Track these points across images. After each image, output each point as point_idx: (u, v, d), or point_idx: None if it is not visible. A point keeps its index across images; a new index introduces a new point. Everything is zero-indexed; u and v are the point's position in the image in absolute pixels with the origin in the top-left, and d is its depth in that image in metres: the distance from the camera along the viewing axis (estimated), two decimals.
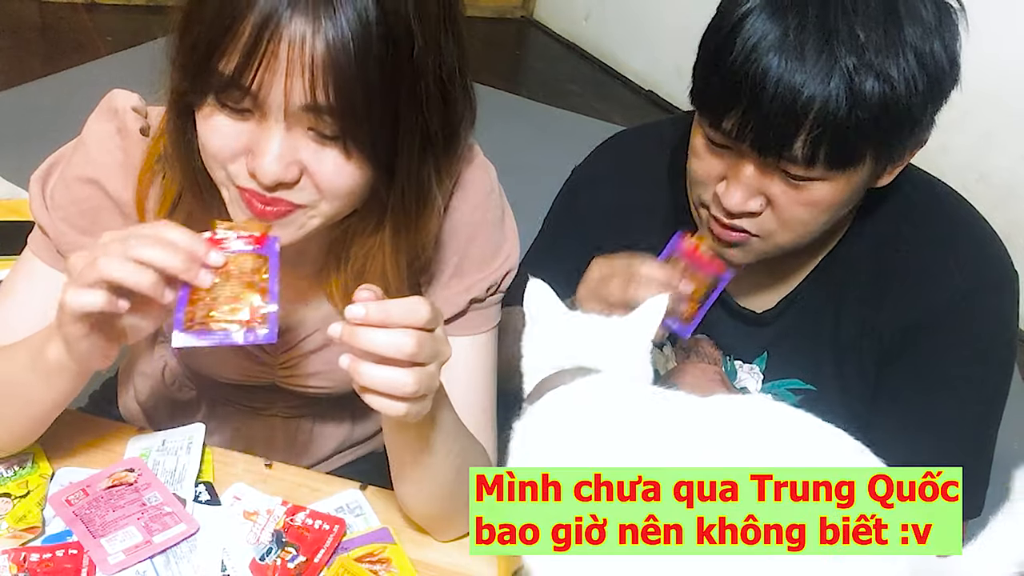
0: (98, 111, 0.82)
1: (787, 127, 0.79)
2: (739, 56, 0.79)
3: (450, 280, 0.87)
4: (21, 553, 0.76)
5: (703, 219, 0.93)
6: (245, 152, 0.69)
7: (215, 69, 0.65)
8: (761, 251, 0.91)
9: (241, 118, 0.68)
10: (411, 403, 0.66)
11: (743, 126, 0.81)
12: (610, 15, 4.20)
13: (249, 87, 0.65)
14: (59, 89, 2.89)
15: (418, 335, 0.64)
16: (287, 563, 0.79)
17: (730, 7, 0.82)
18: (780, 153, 0.81)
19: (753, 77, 0.78)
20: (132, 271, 0.64)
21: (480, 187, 0.88)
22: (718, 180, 0.88)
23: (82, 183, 0.81)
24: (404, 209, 0.76)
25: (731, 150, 0.85)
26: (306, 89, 0.64)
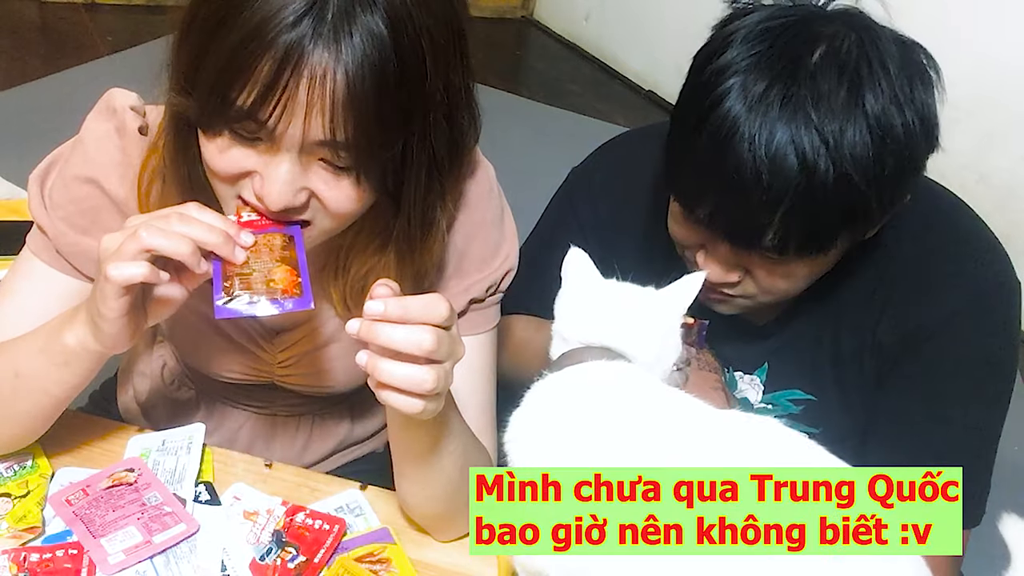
0: (96, 110, 0.82)
1: (757, 223, 0.78)
2: (707, 153, 0.78)
3: (449, 280, 0.87)
4: (21, 553, 0.76)
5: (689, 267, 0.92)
6: (252, 174, 0.70)
7: (231, 101, 0.65)
8: (745, 307, 0.92)
9: (251, 145, 0.69)
10: (428, 400, 0.66)
11: (714, 217, 0.81)
12: (610, 15, 4.20)
13: (266, 121, 0.65)
14: (59, 89, 2.89)
15: (437, 332, 0.64)
16: (287, 563, 0.79)
17: (700, 95, 0.79)
18: (752, 245, 0.81)
19: (720, 176, 0.77)
20: (175, 241, 0.65)
21: (479, 187, 0.88)
22: (697, 247, 0.88)
23: (81, 182, 0.81)
24: (409, 236, 0.78)
25: (707, 226, 0.85)
26: (325, 126, 0.65)
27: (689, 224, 0.86)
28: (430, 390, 0.65)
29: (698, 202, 0.82)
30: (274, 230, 0.71)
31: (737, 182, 0.76)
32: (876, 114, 0.75)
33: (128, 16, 3.58)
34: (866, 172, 0.75)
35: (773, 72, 0.75)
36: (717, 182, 0.78)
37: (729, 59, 0.77)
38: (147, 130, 0.80)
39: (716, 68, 0.77)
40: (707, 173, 0.79)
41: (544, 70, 4.32)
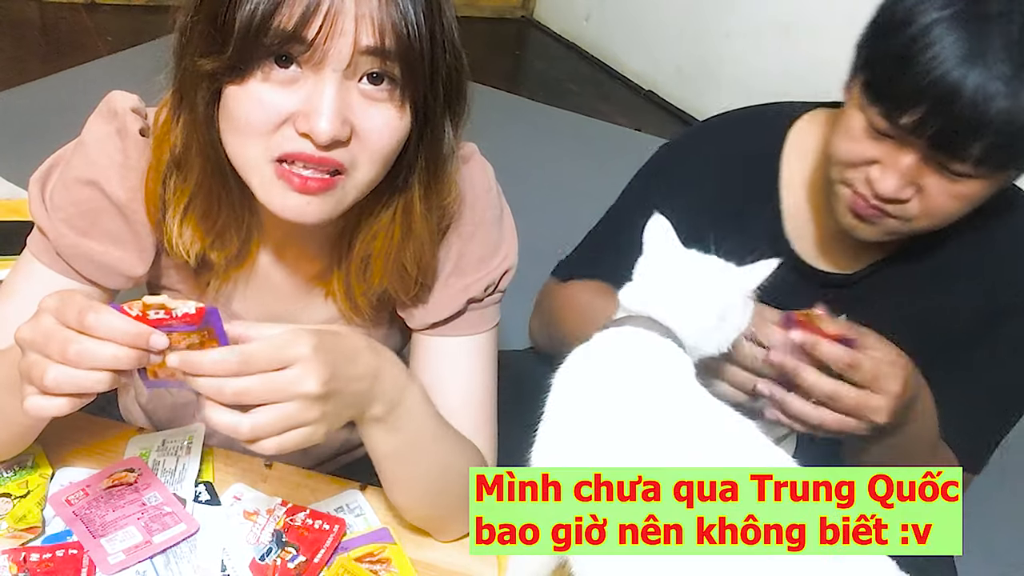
0: (97, 113, 0.82)
1: (970, 133, 0.82)
2: (931, 63, 0.81)
3: (448, 279, 0.87)
4: (21, 553, 0.76)
5: (840, 197, 0.95)
6: (290, 119, 0.69)
7: (274, 28, 0.65)
8: (893, 231, 0.94)
9: (289, 83, 0.68)
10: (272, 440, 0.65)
11: (922, 124, 0.84)
12: (610, 15, 4.21)
13: (313, 39, 0.65)
14: (59, 89, 2.89)
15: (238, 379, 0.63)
16: (287, 563, 0.79)
17: (914, 11, 0.84)
18: (954, 153, 0.84)
19: (943, 84, 0.81)
20: (87, 380, 0.63)
21: (479, 185, 0.88)
22: (869, 163, 0.90)
23: (81, 185, 0.81)
24: (433, 165, 0.78)
25: (893, 139, 0.88)
26: (375, 34, 0.66)
27: (871, 136, 0.89)
28: (245, 438, 0.64)
29: (908, 108, 0.84)
30: (190, 329, 0.65)
31: (961, 94, 0.80)
32: None
33: (128, 16, 3.58)
34: None
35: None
36: (937, 91, 0.81)
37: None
38: (148, 132, 0.80)
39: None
40: (926, 82, 0.82)
41: (544, 70, 4.33)
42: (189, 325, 0.64)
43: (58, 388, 0.62)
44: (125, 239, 0.82)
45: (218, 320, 0.65)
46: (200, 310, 0.64)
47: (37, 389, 0.63)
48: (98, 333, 0.62)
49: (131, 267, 0.84)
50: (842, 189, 0.95)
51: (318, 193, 0.71)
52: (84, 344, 0.62)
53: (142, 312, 0.63)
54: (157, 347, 0.63)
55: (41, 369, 0.62)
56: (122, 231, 0.82)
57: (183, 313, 0.64)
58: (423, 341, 0.90)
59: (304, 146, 0.69)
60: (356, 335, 0.72)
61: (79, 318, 0.62)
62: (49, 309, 0.64)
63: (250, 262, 0.88)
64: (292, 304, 0.92)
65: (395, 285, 0.84)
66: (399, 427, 0.75)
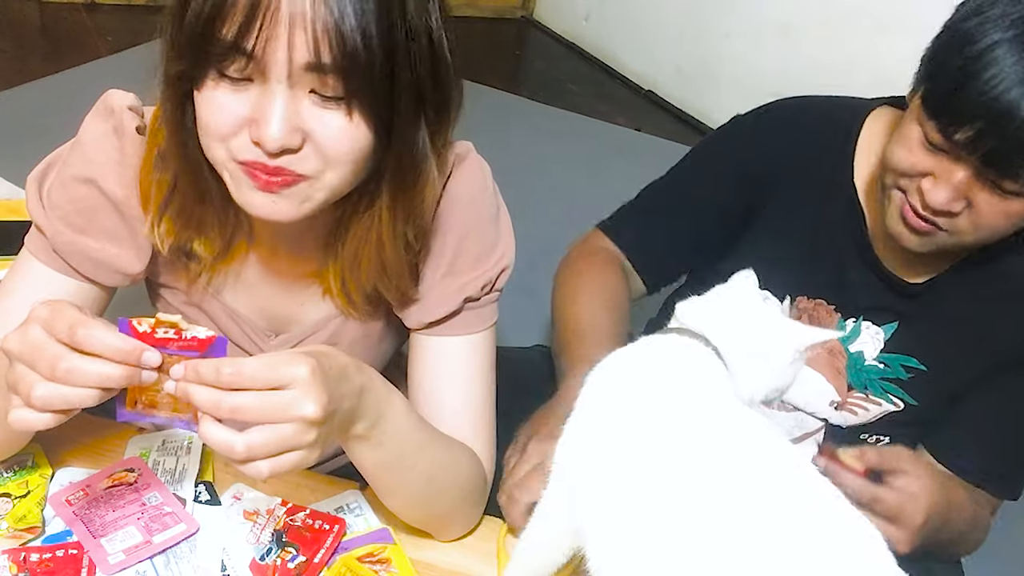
0: (94, 111, 0.82)
1: (1022, 153, 0.83)
2: (989, 82, 0.82)
3: (444, 278, 0.87)
4: (21, 553, 0.76)
5: (892, 201, 0.96)
6: (247, 124, 0.69)
7: (216, 37, 0.65)
8: (943, 244, 0.95)
9: (242, 89, 0.68)
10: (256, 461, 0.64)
11: (977, 141, 0.85)
12: (610, 15, 4.20)
13: (252, 51, 0.65)
14: (59, 89, 2.89)
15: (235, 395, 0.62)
16: (287, 563, 0.79)
17: (978, 30, 0.84)
18: (1006, 172, 0.85)
19: (999, 104, 0.82)
20: (75, 396, 0.62)
21: (474, 184, 0.88)
22: (923, 175, 0.91)
23: (79, 183, 0.81)
24: (401, 172, 0.75)
25: (947, 153, 0.88)
26: (309, 47, 0.64)
27: (927, 149, 0.90)
28: (239, 457, 0.63)
29: (965, 123, 0.85)
30: (189, 354, 0.64)
31: (1018, 116, 0.81)
32: None
33: (128, 16, 3.58)
34: None
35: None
36: (996, 110, 0.82)
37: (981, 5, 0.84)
38: (145, 130, 0.80)
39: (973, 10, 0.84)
40: (985, 101, 0.82)
41: (544, 70, 4.32)
42: (192, 351, 0.64)
43: (45, 405, 0.62)
44: (122, 236, 0.83)
45: (222, 352, 0.65)
46: (209, 338, 0.64)
47: (23, 403, 0.63)
48: (88, 348, 0.62)
49: (128, 264, 0.84)
50: (895, 194, 0.96)
51: (281, 191, 0.71)
52: (73, 362, 0.61)
53: (151, 328, 0.63)
54: (149, 364, 0.63)
55: (28, 384, 0.62)
56: (119, 228, 0.82)
57: (191, 337, 0.64)
58: (420, 341, 0.90)
59: (257, 154, 0.69)
60: (340, 353, 0.71)
61: (70, 332, 0.62)
62: (39, 320, 0.63)
63: (239, 258, 0.88)
64: (290, 301, 0.92)
65: (382, 284, 0.84)
66: (382, 441, 0.75)
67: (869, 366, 1.07)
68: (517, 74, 4.29)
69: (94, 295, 0.85)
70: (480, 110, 0.79)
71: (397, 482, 0.80)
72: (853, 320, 1.08)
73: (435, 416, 0.86)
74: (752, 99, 1.20)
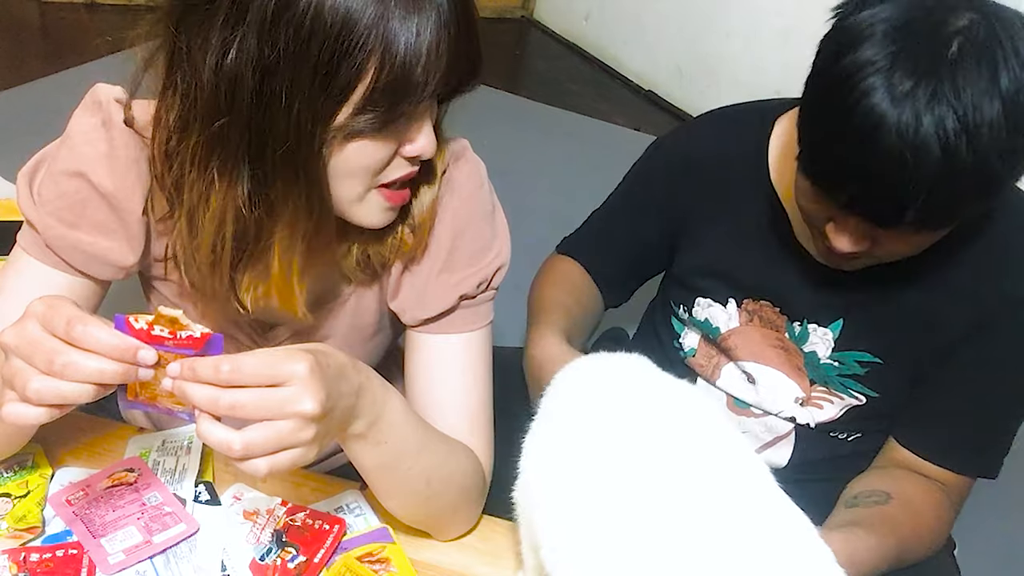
0: (82, 106, 0.82)
1: (898, 206, 0.82)
2: (852, 144, 0.81)
3: (439, 275, 0.87)
4: (21, 553, 0.76)
5: (811, 236, 0.99)
6: (399, 148, 0.75)
7: (414, 85, 0.70)
8: (870, 263, 0.96)
9: (392, 122, 0.72)
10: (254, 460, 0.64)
11: (855, 201, 0.85)
12: (610, 15, 4.21)
13: (434, 89, 0.71)
14: (59, 89, 2.89)
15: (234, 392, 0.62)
16: (287, 563, 0.80)
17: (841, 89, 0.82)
18: (890, 224, 0.85)
19: (865, 165, 0.81)
20: (71, 392, 0.62)
21: (470, 182, 0.88)
22: (826, 220, 0.92)
23: (69, 177, 0.81)
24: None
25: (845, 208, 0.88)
26: (464, 71, 0.74)
27: (821, 201, 0.91)
28: (237, 455, 0.62)
29: (840, 188, 0.86)
30: (188, 353, 0.64)
31: (882, 171, 0.81)
32: (1010, 93, 0.79)
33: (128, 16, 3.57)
34: (1001, 148, 0.79)
35: (917, 70, 0.78)
36: (861, 171, 0.82)
37: (868, 56, 0.81)
38: (133, 122, 0.80)
39: (856, 63, 0.81)
40: (851, 162, 0.83)
41: (544, 70, 4.33)
42: (188, 349, 0.64)
43: (40, 399, 0.62)
44: (114, 229, 0.82)
45: (219, 349, 0.65)
46: (205, 335, 0.64)
47: (18, 397, 0.63)
48: (85, 345, 0.62)
49: (121, 257, 0.84)
50: (813, 231, 0.97)
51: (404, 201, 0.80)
52: (70, 356, 0.61)
53: (148, 325, 0.63)
54: (145, 362, 0.63)
55: (24, 378, 0.62)
56: (110, 221, 0.82)
57: (187, 336, 0.64)
58: (417, 338, 0.90)
59: (408, 168, 0.77)
60: (338, 352, 0.71)
61: (67, 328, 0.62)
62: (36, 315, 0.63)
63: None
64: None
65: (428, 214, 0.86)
66: (381, 440, 0.75)
67: (824, 364, 1.08)
68: (517, 74, 4.30)
69: (88, 289, 0.85)
70: (480, 110, 0.80)
71: (396, 482, 0.80)
72: (799, 323, 1.08)
73: (432, 414, 0.86)
74: (752, 99, 1.20)
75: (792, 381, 1.10)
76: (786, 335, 1.09)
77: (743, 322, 1.11)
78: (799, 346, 1.08)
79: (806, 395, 1.11)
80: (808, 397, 1.11)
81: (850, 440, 1.13)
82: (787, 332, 1.09)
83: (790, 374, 1.10)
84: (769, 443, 1.15)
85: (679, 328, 1.20)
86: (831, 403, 1.10)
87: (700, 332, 1.16)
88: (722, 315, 1.12)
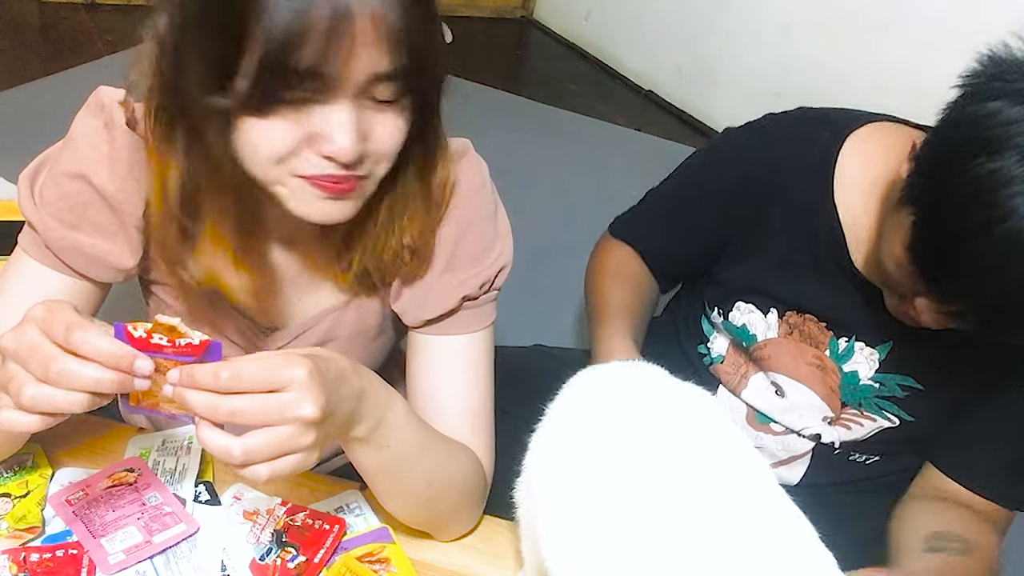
0: (85, 108, 0.82)
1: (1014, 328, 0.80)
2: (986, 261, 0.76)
3: (442, 275, 0.87)
4: (21, 553, 0.76)
5: (885, 291, 0.95)
6: (308, 141, 0.69)
7: (290, 65, 0.64)
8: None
9: (304, 109, 0.68)
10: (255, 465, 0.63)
11: (969, 316, 0.82)
12: (610, 15, 4.21)
13: (327, 72, 0.65)
14: (59, 89, 2.89)
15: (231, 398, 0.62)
16: (287, 563, 0.80)
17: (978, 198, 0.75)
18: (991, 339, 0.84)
19: (996, 284, 0.77)
20: (64, 401, 0.62)
21: (472, 181, 0.88)
22: (915, 294, 0.88)
23: (71, 178, 0.81)
24: (428, 153, 0.80)
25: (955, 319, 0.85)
26: (380, 59, 0.66)
27: (917, 279, 0.85)
28: (237, 461, 0.62)
29: (958, 298, 0.82)
30: (184, 359, 0.64)
31: (1014, 293, 0.76)
32: None
33: (128, 16, 3.57)
34: None
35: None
36: (990, 288, 0.78)
37: (1009, 168, 0.73)
38: (135, 124, 0.80)
39: (995, 174, 0.74)
40: (979, 276, 0.78)
41: (544, 70, 4.33)
42: (187, 356, 0.64)
43: (34, 407, 0.62)
44: (114, 231, 0.82)
45: (218, 356, 0.65)
46: (204, 342, 0.64)
47: (12, 403, 0.63)
48: (83, 351, 0.61)
49: (121, 259, 0.84)
50: (891, 294, 0.94)
51: (349, 195, 0.73)
52: (67, 365, 0.61)
53: (147, 333, 0.63)
54: (141, 372, 0.63)
55: (19, 385, 0.62)
56: (111, 223, 0.82)
57: (186, 343, 0.63)
58: (419, 339, 0.90)
59: (327, 167, 0.70)
60: (339, 356, 0.71)
61: (65, 334, 0.61)
62: (36, 320, 0.63)
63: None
64: (288, 295, 0.91)
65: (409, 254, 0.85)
66: (383, 444, 0.75)
67: (864, 385, 1.06)
68: (517, 74, 4.30)
69: (88, 292, 0.85)
70: (480, 110, 0.80)
71: (398, 484, 0.80)
72: (846, 339, 1.06)
73: (433, 415, 0.86)
74: (752, 99, 1.21)
75: (823, 402, 1.09)
76: (827, 352, 1.07)
77: (782, 334, 1.09)
78: (839, 364, 1.07)
79: (835, 415, 1.10)
80: (837, 417, 1.10)
81: (867, 464, 1.12)
82: (829, 349, 1.07)
83: (822, 394, 1.09)
84: (784, 461, 1.14)
85: (708, 331, 1.17)
86: (860, 425, 1.09)
87: (732, 338, 1.14)
88: (761, 323, 1.11)
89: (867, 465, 1.12)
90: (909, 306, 0.90)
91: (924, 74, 2.22)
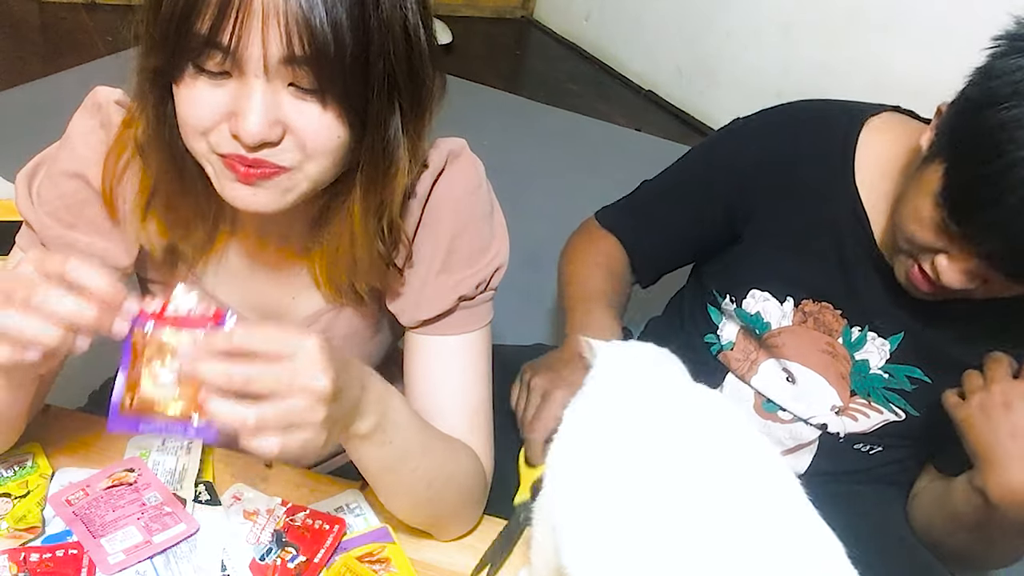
0: (82, 108, 0.82)
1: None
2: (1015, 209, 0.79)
3: (437, 276, 0.87)
4: (21, 553, 0.76)
5: (902, 262, 0.95)
6: (226, 118, 0.69)
7: (191, 32, 0.65)
8: (951, 297, 0.94)
9: (220, 83, 0.68)
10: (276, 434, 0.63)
11: (998, 257, 0.83)
12: (610, 15, 4.20)
13: (228, 45, 0.65)
14: (59, 89, 2.89)
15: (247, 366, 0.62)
16: (287, 563, 0.79)
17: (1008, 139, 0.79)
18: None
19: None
20: (33, 330, 0.61)
21: (467, 181, 0.87)
22: (936, 251, 0.89)
23: (68, 178, 0.81)
24: (374, 162, 0.75)
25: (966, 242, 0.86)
26: (282, 40, 0.64)
27: (942, 231, 0.87)
28: (251, 430, 0.61)
29: (986, 239, 0.83)
30: (200, 330, 0.63)
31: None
32: None
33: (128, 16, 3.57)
34: None
35: None
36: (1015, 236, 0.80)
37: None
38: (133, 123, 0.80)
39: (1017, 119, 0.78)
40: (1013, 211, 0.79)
41: (544, 70, 4.32)
42: (201, 328, 0.64)
43: (4, 332, 0.61)
44: (110, 230, 0.83)
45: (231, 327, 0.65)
46: (217, 312, 0.64)
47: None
48: (75, 279, 0.62)
49: (117, 258, 0.84)
50: (906, 259, 0.94)
51: (261, 183, 0.71)
52: (49, 293, 0.61)
53: (163, 305, 0.64)
54: (128, 313, 0.63)
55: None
56: (107, 222, 0.82)
57: (200, 314, 0.64)
58: (415, 340, 0.90)
59: (236, 147, 0.69)
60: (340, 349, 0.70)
61: (61, 267, 0.62)
62: (32, 260, 0.63)
63: (225, 251, 0.88)
64: (282, 295, 0.91)
65: (354, 277, 0.84)
66: (386, 441, 0.75)
67: (874, 375, 1.07)
68: (517, 74, 4.29)
69: None
70: (480, 110, 0.80)
71: (399, 483, 0.80)
72: (859, 329, 1.07)
73: (432, 415, 0.86)
74: (752, 99, 1.20)
75: (832, 388, 1.09)
76: (839, 340, 1.08)
77: (796, 321, 1.10)
78: (851, 352, 1.07)
79: (844, 404, 1.10)
80: (845, 407, 1.10)
81: (871, 454, 1.12)
82: (842, 336, 1.07)
83: (832, 381, 1.09)
84: (791, 449, 1.14)
85: (717, 319, 1.17)
86: (867, 416, 1.09)
87: (742, 325, 1.14)
88: (776, 311, 1.11)
89: (870, 455, 1.12)
90: (928, 267, 0.90)
91: (924, 74, 2.21)
